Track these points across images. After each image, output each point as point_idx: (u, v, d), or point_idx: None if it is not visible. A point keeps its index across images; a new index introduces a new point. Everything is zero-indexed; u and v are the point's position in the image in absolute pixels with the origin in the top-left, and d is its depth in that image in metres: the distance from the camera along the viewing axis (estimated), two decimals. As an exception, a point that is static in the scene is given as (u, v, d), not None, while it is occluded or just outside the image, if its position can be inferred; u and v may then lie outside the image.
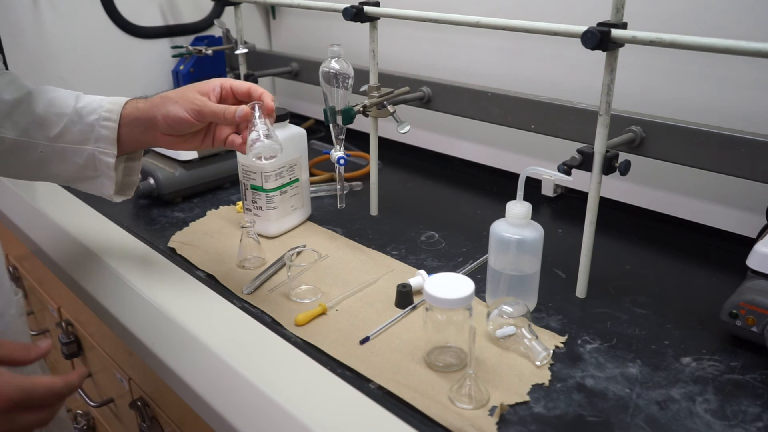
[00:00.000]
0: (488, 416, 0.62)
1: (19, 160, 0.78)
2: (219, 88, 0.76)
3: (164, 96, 0.76)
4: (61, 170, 0.80)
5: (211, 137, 0.79)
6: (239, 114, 0.73)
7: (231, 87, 0.76)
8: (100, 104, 0.78)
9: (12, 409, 0.54)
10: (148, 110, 0.76)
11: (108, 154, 0.78)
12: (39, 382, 0.58)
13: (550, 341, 0.73)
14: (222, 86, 0.76)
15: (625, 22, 0.72)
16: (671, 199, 1.05)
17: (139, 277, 0.91)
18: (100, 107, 0.77)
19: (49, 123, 0.77)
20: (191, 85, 0.77)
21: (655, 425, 0.61)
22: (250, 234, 0.92)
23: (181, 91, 0.76)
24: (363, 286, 0.85)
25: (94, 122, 0.77)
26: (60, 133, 0.77)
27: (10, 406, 0.54)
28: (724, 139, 0.81)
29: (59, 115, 0.77)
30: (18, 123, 0.77)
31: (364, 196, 1.14)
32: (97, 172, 0.79)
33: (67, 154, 0.78)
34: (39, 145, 0.77)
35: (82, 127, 0.77)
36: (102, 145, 0.77)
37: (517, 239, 0.75)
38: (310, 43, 1.62)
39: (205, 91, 0.76)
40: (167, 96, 0.75)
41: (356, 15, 0.96)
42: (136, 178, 0.85)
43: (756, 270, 0.73)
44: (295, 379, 0.69)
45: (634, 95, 0.98)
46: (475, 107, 1.07)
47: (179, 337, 0.79)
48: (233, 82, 0.77)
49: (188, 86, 0.76)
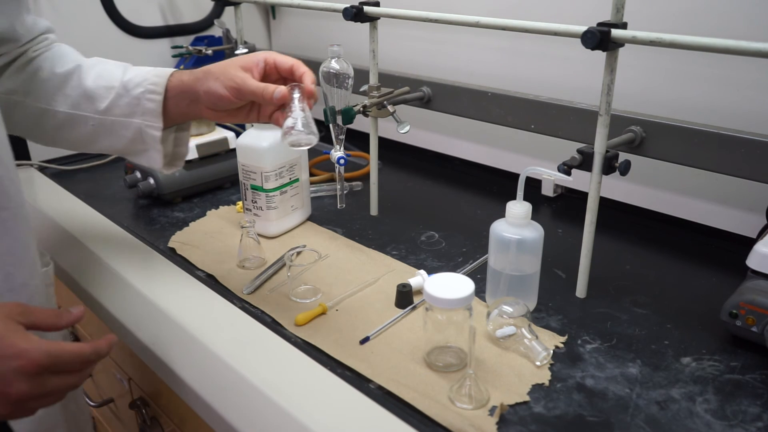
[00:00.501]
0: (488, 416, 0.62)
1: (72, 133, 0.79)
2: (263, 63, 0.74)
3: (207, 70, 0.74)
4: (112, 143, 0.80)
5: (256, 113, 0.77)
6: (277, 96, 0.71)
7: (275, 62, 0.74)
8: (145, 77, 0.77)
9: (41, 373, 0.55)
10: (192, 84, 0.75)
11: (154, 127, 0.77)
12: (67, 347, 0.58)
13: (550, 341, 0.73)
14: (266, 60, 0.74)
15: (625, 22, 0.72)
16: (671, 199, 1.05)
17: (139, 277, 0.91)
18: (146, 80, 0.77)
19: (98, 96, 0.77)
20: (236, 59, 0.74)
21: (655, 425, 0.61)
22: (250, 234, 0.92)
23: (224, 65, 0.74)
24: (363, 286, 0.85)
25: (140, 95, 0.76)
26: (108, 106, 0.77)
27: (39, 370, 0.55)
28: (724, 139, 0.81)
29: (107, 89, 0.77)
30: (69, 96, 0.77)
31: (364, 196, 1.14)
32: (145, 145, 0.79)
33: (116, 128, 0.78)
34: (89, 119, 0.78)
35: (128, 100, 0.77)
36: (148, 118, 0.77)
37: (517, 239, 0.75)
38: (310, 43, 1.62)
39: (249, 66, 0.73)
40: (210, 70, 0.74)
41: (356, 15, 0.96)
42: (186, 149, 0.84)
43: (756, 270, 0.73)
44: (295, 379, 0.69)
45: (634, 95, 0.98)
46: (475, 107, 1.07)
47: (179, 337, 0.79)
48: (277, 57, 0.74)
49: (232, 60, 0.74)
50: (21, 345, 0.55)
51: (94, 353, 0.61)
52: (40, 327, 0.60)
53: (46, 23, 0.83)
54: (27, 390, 0.55)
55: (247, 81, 0.72)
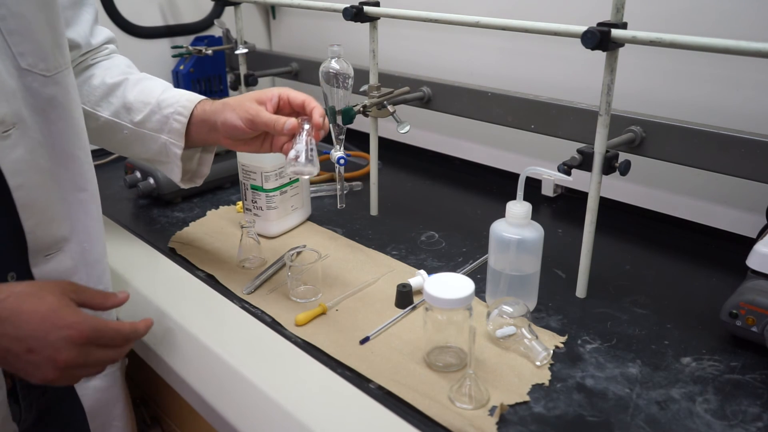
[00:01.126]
0: (488, 416, 0.62)
1: (109, 137, 0.88)
2: (277, 98, 0.79)
3: (225, 102, 0.80)
4: (141, 151, 0.88)
5: (269, 143, 0.82)
6: (287, 127, 0.76)
7: (288, 97, 0.79)
8: (178, 99, 0.84)
9: (86, 344, 0.63)
10: (212, 114, 0.81)
11: (176, 145, 0.83)
12: (110, 324, 0.66)
13: (550, 341, 0.73)
14: (280, 96, 0.79)
15: (625, 22, 0.72)
16: (671, 199, 1.05)
17: (140, 277, 0.91)
18: (177, 102, 0.83)
19: (135, 109, 0.85)
20: (251, 93, 0.80)
21: (655, 425, 0.61)
22: (250, 234, 0.92)
23: (240, 98, 0.79)
24: (363, 286, 0.85)
25: (169, 115, 0.83)
26: (142, 120, 0.84)
27: (85, 341, 0.62)
28: (724, 139, 0.81)
29: (144, 104, 0.84)
30: (112, 104, 0.86)
31: (364, 196, 1.14)
32: (168, 159, 0.86)
33: (146, 139, 0.85)
34: (125, 127, 0.86)
35: (159, 117, 0.84)
36: (174, 136, 0.83)
37: (517, 239, 0.75)
38: (310, 43, 1.62)
39: (263, 100, 0.78)
40: (227, 102, 0.80)
41: (356, 15, 0.96)
42: (207, 170, 0.91)
43: (756, 270, 0.73)
44: (295, 379, 0.69)
45: (634, 95, 0.98)
46: (475, 107, 1.07)
47: (179, 336, 0.79)
48: (291, 92, 0.79)
49: (249, 94, 0.80)
50: (71, 318, 0.62)
51: (132, 332, 0.69)
52: (89, 305, 0.68)
53: (108, 33, 0.93)
54: (74, 358, 0.62)
55: (260, 113, 0.77)
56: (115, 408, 0.85)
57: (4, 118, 0.64)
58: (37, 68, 0.67)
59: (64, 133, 0.71)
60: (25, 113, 0.67)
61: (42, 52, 0.67)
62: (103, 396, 0.83)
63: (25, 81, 0.66)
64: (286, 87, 0.81)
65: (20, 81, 0.66)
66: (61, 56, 0.70)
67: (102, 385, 0.82)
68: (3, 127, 0.64)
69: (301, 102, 0.78)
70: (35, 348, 0.60)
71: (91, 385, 0.81)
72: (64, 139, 0.72)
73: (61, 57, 0.70)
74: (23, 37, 0.65)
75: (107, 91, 0.86)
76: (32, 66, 0.66)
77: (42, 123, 0.69)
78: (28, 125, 0.67)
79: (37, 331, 0.60)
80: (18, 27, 0.64)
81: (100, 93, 0.86)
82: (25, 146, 0.67)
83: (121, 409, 0.87)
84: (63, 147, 0.72)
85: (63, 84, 0.71)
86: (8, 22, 0.63)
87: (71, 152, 0.73)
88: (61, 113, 0.71)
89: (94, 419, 0.83)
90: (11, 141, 0.65)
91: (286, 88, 0.80)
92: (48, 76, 0.68)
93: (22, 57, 0.65)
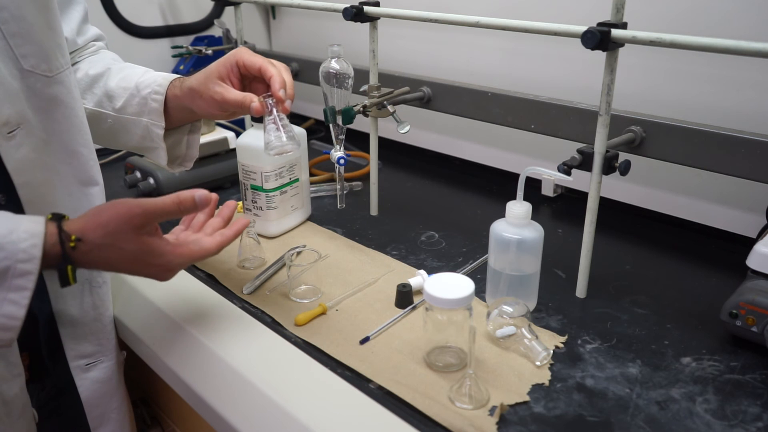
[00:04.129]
0: (488, 416, 0.62)
1: (95, 129, 0.84)
2: (237, 68, 0.78)
3: (192, 89, 0.79)
4: (127, 140, 0.86)
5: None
6: (253, 109, 0.75)
7: (244, 64, 0.77)
8: (155, 79, 0.83)
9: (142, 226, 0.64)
10: (183, 99, 0.80)
11: (157, 125, 0.82)
12: (154, 201, 0.65)
13: (550, 341, 0.73)
14: (238, 64, 0.77)
15: (625, 22, 0.72)
16: (671, 199, 1.05)
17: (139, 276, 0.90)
18: (154, 82, 0.82)
19: (116, 96, 0.83)
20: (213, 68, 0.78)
21: (655, 425, 0.61)
22: (250, 234, 0.91)
23: (204, 81, 0.77)
24: (363, 286, 0.85)
25: (147, 96, 0.82)
26: (123, 105, 0.83)
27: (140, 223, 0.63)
28: (724, 139, 0.81)
29: (125, 89, 0.83)
30: (95, 95, 0.85)
31: (364, 196, 1.14)
32: (153, 143, 0.84)
33: (129, 125, 0.84)
34: (108, 116, 0.84)
35: (139, 100, 0.82)
36: (153, 117, 0.82)
37: (517, 239, 0.75)
38: (310, 43, 1.62)
39: (225, 74, 0.77)
40: (194, 89, 0.78)
41: (356, 15, 0.96)
42: (195, 152, 0.90)
43: (756, 270, 0.73)
44: (295, 379, 0.69)
45: (634, 95, 0.98)
46: (475, 107, 1.07)
47: (179, 336, 0.79)
48: (246, 57, 0.77)
49: (210, 70, 0.78)
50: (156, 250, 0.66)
51: (176, 206, 0.66)
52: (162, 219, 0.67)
53: (96, 31, 0.92)
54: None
55: (226, 95, 0.76)
56: (112, 401, 0.86)
57: (9, 119, 0.65)
58: (39, 69, 0.68)
59: (68, 131, 0.73)
60: (29, 113, 0.68)
61: (44, 53, 0.68)
62: (101, 388, 0.84)
63: (28, 82, 0.67)
64: (243, 48, 0.79)
65: (23, 82, 0.67)
66: (62, 56, 0.71)
67: (100, 377, 0.83)
68: (7, 128, 0.65)
69: (257, 69, 0.76)
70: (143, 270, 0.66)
71: (89, 377, 0.82)
72: (67, 137, 0.73)
73: (62, 57, 0.71)
74: (25, 39, 0.66)
75: (90, 82, 0.85)
76: (34, 67, 0.67)
77: (46, 122, 0.70)
78: (32, 125, 0.68)
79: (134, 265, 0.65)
80: (20, 29, 0.65)
81: (84, 85, 0.85)
82: (29, 145, 0.68)
83: (118, 402, 0.87)
84: (67, 144, 0.73)
85: (65, 83, 0.72)
86: (10, 25, 0.64)
87: (75, 149, 0.74)
88: (64, 112, 0.72)
89: (91, 411, 0.84)
90: (16, 141, 0.66)
91: (242, 51, 0.78)
92: (50, 77, 0.69)
93: (25, 59, 0.66)
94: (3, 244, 0.57)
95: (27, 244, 0.58)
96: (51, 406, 0.82)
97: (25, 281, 0.58)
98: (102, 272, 0.82)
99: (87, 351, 0.81)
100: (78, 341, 0.80)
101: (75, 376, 0.81)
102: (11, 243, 0.58)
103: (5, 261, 0.57)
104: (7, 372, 0.70)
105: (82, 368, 0.81)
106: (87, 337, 0.81)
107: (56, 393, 0.82)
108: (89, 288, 0.80)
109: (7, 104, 0.65)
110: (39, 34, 0.67)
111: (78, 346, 0.80)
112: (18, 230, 0.58)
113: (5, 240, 0.58)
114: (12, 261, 0.57)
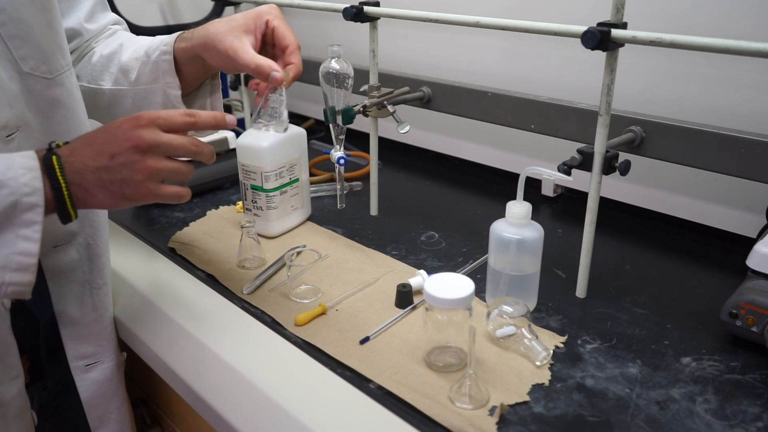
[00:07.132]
0: (488, 416, 0.62)
1: (120, 109, 0.84)
2: (264, 26, 0.78)
3: (205, 37, 0.77)
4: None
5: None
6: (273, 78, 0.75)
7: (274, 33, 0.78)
8: (161, 40, 0.81)
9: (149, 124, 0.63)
10: (195, 47, 0.78)
11: (172, 85, 0.81)
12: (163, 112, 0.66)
13: (550, 341, 0.73)
14: (268, 27, 0.78)
15: (625, 22, 0.72)
16: (671, 199, 1.05)
17: (139, 276, 0.91)
18: (161, 42, 0.81)
19: (130, 68, 0.82)
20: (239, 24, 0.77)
21: (655, 425, 0.61)
22: (250, 234, 0.92)
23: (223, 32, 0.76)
24: (363, 286, 0.85)
25: (157, 59, 0.80)
26: (138, 76, 0.81)
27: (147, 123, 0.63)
28: (724, 139, 0.81)
29: (136, 59, 0.82)
30: (112, 74, 0.83)
31: (364, 196, 1.14)
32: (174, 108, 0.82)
33: (149, 96, 0.82)
34: (128, 92, 0.82)
35: (150, 67, 0.81)
36: (168, 79, 0.80)
37: (517, 239, 0.75)
38: (310, 43, 1.61)
39: (251, 28, 0.77)
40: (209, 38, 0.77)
41: (356, 15, 0.96)
42: (221, 108, 0.89)
43: (756, 270, 0.73)
44: (295, 379, 0.69)
45: (634, 95, 0.98)
46: (475, 107, 1.07)
47: (179, 336, 0.79)
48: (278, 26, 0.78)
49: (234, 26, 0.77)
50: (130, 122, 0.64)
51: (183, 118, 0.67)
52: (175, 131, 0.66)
53: (113, 17, 0.90)
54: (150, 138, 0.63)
55: (239, 54, 0.75)
56: (112, 401, 0.86)
57: (7, 122, 0.65)
58: (38, 71, 0.67)
59: (68, 134, 0.72)
60: (29, 116, 0.67)
61: (43, 55, 0.67)
62: (101, 389, 0.84)
63: (27, 84, 0.67)
64: (275, 9, 0.78)
65: (22, 85, 0.66)
66: (62, 58, 0.71)
67: (100, 378, 0.84)
68: (6, 132, 0.65)
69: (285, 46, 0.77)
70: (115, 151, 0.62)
71: (89, 378, 0.82)
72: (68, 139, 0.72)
73: (62, 59, 0.71)
74: (24, 41, 0.65)
75: (105, 62, 0.84)
76: (34, 69, 0.67)
77: (46, 125, 0.69)
78: (31, 128, 0.68)
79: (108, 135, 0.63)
80: (18, 31, 0.64)
81: (100, 66, 0.84)
82: (29, 149, 0.66)
83: (118, 403, 0.87)
84: None
85: (66, 85, 0.71)
86: (8, 27, 0.64)
87: None
88: (65, 114, 0.71)
89: (91, 411, 0.84)
90: (15, 144, 0.66)
91: (275, 13, 0.78)
92: (50, 79, 0.69)
93: (24, 61, 0.66)
94: (4, 181, 0.56)
95: (28, 178, 0.58)
96: (51, 406, 0.82)
97: (33, 215, 0.58)
98: (102, 273, 0.81)
99: (87, 352, 0.82)
100: (78, 342, 0.80)
101: (75, 377, 0.81)
102: (12, 179, 0.57)
103: (11, 196, 0.56)
104: (4, 374, 0.70)
105: (82, 369, 0.81)
106: (87, 337, 0.81)
107: (56, 393, 0.82)
108: (89, 289, 0.80)
109: (6, 107, 0.64)
110: (38, 36, 0.66)
111: (78, 347, 0.80)
112: (14, 167, 0.58)
113: (5, 177, 0.57)
114: (17, 195, 0.57)
